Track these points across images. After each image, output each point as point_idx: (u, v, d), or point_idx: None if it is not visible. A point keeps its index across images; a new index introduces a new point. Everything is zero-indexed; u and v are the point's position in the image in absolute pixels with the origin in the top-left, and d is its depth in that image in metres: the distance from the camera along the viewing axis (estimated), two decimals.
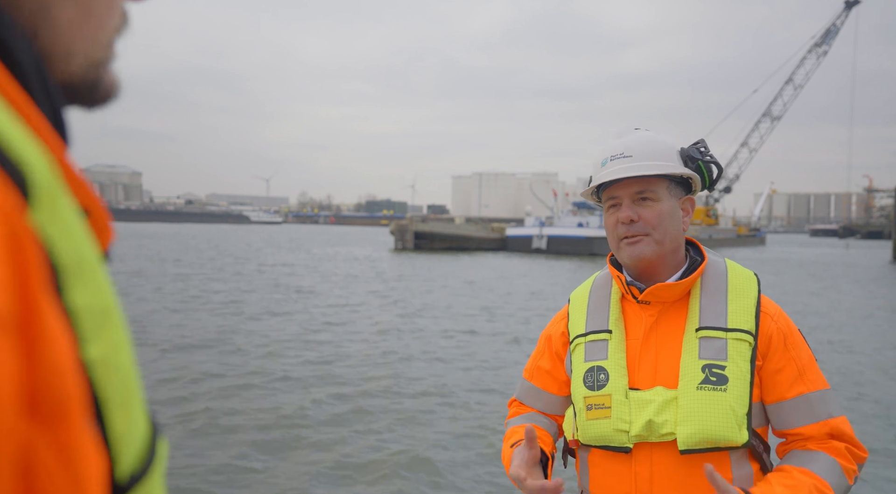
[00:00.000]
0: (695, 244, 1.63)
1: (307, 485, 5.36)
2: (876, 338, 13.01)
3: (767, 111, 72.86)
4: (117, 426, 0.39)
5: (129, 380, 0.41)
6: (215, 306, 15.30)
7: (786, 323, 1.50)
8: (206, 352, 10.13)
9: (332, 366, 9.46)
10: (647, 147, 1.53)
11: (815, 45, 71.22)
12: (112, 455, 0.39)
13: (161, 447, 0.45)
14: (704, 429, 1.39)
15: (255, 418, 6.97)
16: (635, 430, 1.45)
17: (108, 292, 0.40)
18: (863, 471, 1.49)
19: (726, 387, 1.41)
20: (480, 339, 11.99)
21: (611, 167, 1.54)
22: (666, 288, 1.50)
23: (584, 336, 1.60)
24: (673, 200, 1.53)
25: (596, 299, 1.64)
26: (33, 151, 0.35)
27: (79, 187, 0.40)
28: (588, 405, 1.52)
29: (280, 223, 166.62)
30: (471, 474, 5.66)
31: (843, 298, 20.53)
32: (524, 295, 18.99)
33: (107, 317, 0.39)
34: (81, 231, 0.38)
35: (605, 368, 1.53)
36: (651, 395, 1.46)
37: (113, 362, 0.39)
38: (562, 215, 49.87)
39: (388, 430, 6.71)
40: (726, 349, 1.44)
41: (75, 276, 0.36)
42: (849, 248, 67.17)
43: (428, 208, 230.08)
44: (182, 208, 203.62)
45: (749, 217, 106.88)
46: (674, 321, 1.51)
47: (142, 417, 0.43)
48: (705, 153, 1.57)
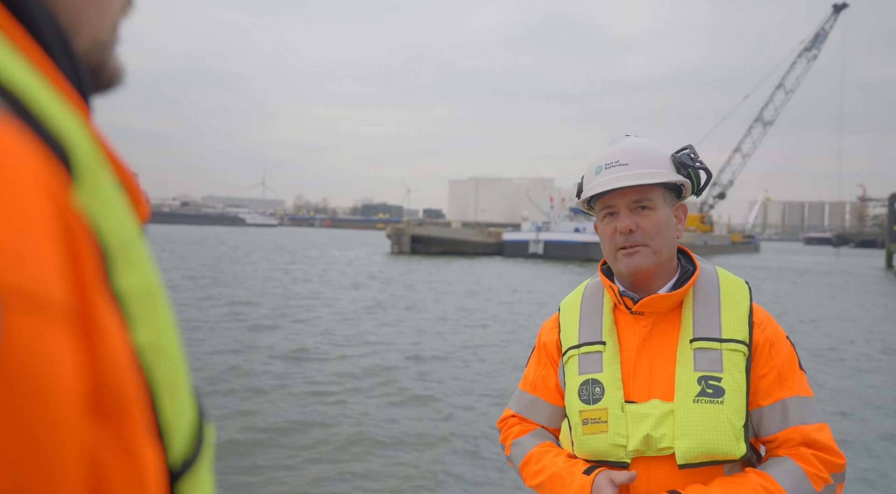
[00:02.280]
0: (685, 252, 1.62)
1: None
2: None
3: (759, 116, 73.28)
4: (168, 413, 0.38)
5: (177, 364, 0.40)
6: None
7: (773, 330, 1.49)
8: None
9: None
10: (642, 154, 1.52)
11: (805, 49, 71.64)
12: (164, 443, 0.38)
13: (209, 432, 0.44)
14: (703, 443, 1.37)
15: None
16: (633, 445, 1.43)
17: (153, 272, 0.39)
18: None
19: (723, 399, 1.39)
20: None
21: (606, 175, 1.52)
22: (660, 299, 1.49)
23: (577, 348, 1.57)
24: (668, 207, 1.53)
25: (588, 309, 1.61)
26: (73, 124, 0.34)
27: (114, 161, 0.39)
28: (584, 419, 1.49)
29: (276, 226, 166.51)
30: None
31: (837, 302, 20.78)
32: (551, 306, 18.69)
33: (153, 299, 0.38)
34: (124, 209, 0.37)
35: (601, 381, 1.50)
36: (647, 408, 1.44)
37: (161, 346, 0.38)
38: (558, 220, 50.03)
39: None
40: (721, 360, 1.42)
41: (122, 258, 0.35)
42: (839, 257, 67.50)
43: (424, 212, 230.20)
44: (177, 210, 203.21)
45: (744, 225, 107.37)
46: (667, 332, 1.50)
47: (189, 402, 0.42)
48: (695, 159, 1.56)
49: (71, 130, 0.33)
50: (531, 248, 45.91)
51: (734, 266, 42.30)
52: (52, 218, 0.29)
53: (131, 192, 0.40)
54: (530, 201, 76.62)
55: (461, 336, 12.51)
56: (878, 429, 7.34)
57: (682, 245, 1.61)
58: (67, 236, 0.30)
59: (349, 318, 14.30)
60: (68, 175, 0.32)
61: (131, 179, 0.40)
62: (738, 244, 77.39)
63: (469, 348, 11.37)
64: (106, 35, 0.45)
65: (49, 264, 0.28)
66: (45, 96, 0.32)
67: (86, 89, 0.41)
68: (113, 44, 0.46)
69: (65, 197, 0.31)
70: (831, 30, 70.99)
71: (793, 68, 71.79)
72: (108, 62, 0.46)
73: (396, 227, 48.09)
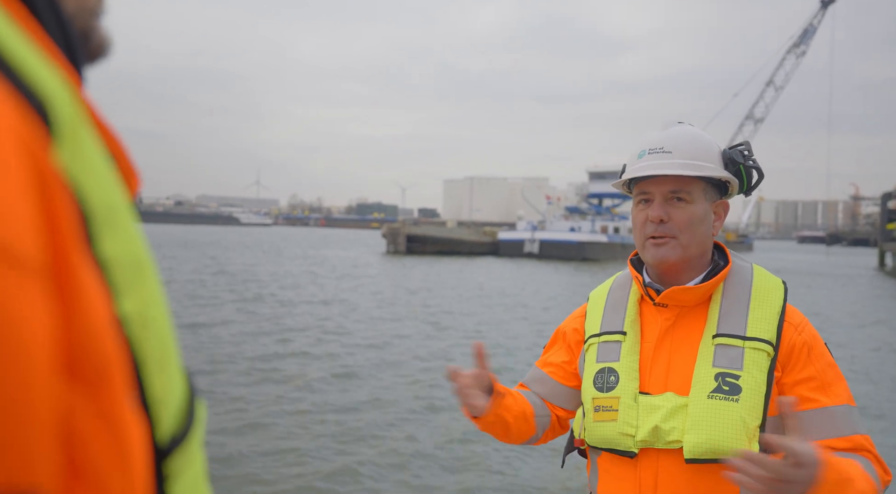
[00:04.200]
0: (721, 249, 1.57)
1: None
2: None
3: (750, 114, 72.73)
4: (156, 387, 0.37)
5: (166, 337, 0.39)
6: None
7: (811, 335, 1.43)
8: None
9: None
10: (688, 145, 1.47)
11: (794, 45, 71.07)
12: (151, 419, 0.37)
13: (199, 409, 0.44)
14: (712, 439, 1.35)
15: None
16: (641, 435, 1.42)
17: (140, 242, 0.38)
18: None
19: (738, 397, 1.36)
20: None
21: (647, 161, 1.48)
22: (684, 291, 1.46)
23: (597, 336, 1.57)
24: (707, 203, 1.48)
25: (614, 300, 1.61)
26: (55, 81, 0.32)
27: (102, 127, 0.38)
28: (596, 406, 1.50)
29: (270, 225, 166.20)
30: None
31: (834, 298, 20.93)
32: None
33: (140, 269, 0.37)
34: (110, 174, 0.36)
35: (616, 370, 1.50)
36: (660, 401, 1.43)
37: (149, 317, 0.37)
38: (554, 220, 50.21)
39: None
40: (742, 358, 1.39)
41: (106, 223, 0.34)
42: (829, 255, 67.81)
43: (419, 211, 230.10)
44: (171, 209, 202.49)
45: (738, 223, 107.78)
46: (691, 326, 1.47)
47: (179, 377, 0.41)
48: (748, 157, 1.51)
49: (52, 87, 0.32)
50: (527, 247, 46.03)
51: None
52: (27, 173, 0.28)
53: (120, 160, 0.39)
54: (525, 200, 76.77)
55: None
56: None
57: (719, 241, 1.57)
58: (45, 192, 0.29)
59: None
60: (48, 132, 0.31)
61: (121, 148, 0.39)
62: (731, 243, 77.66)
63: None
64: (93, 2, 0.44)
65: (23, 219, 0.27)
66: (24, 50, 0.31)
67: (75, 51, 0.40)
68: (99, 12, 0.45)
69: (43, 154, 0.30)
70: (819, 25, 70.84)
71: (782, 65, 71.47)
72: (94, 30, 0.45)
73: (392, 226, 48.07)
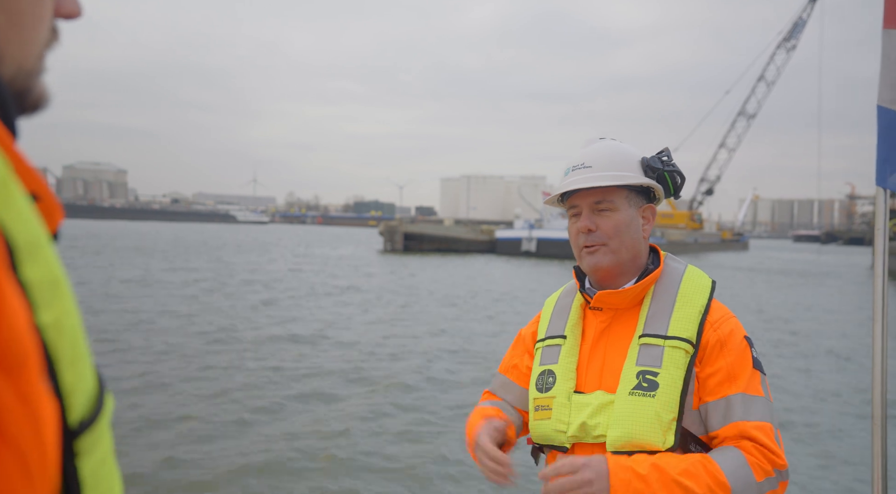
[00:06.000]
0: (657, 251, 1.67)
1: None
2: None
3: (742, 110, 72.75)
4: (68, 379, 0.46)
5: (78, 341, 0.47)
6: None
7: (727, 330, 1.51)
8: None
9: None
10: (606, 158, 1.57)
11: (784, 40, 70.83)
12: (64, 405, 0.45)
13: (108, 399, 0.52)
14: (630, 433, 1.44)
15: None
16: (572, 431, 1.52)
17: (58, 267, 0.46)
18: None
19: (655, 393, 1.44)
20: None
21: (572, 177, 1.59)
22: (612, 295, 1.56)
23: (542, 341, 1.68)
24: (632, 209, 1.57)
25: (560, 306, 1.71)
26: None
27: (27, 174, 0.46)
28: (536, 406, 1.60)
29: (267, 223, 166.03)
30: None
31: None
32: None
33: (57, 288, 0.45)
34: (32, 215, 0.44)
35: (554, 371, 1.59)
36: (590, 399, 1.52)
37: (63, 326, 0.45)
38: (551, 218, 50.28)
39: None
40: (662, 356, 1.47)
41: (29, 254, 0.43)
42: (821, 254, 67.97)
43: (416, 209, 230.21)
44: (168, 207, 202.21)
45: (733, 222, 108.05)
46: (624, 328, 1.56)
47: (89, 373, 0.49)
48: (667, 162, 1.60)
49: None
50: (524, 246, 46.36)
51: (719, 264, 42.80)
52: None
53: (45, 201, 0.48)
54: (522, 198, 76.87)
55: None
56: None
57: (654, 245, 1.67)
58: None
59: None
60: None
61: (46, 189, 0.47)
62: (727, 242, 78.02)
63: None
64: (31, 64, 0.50)
65: None
66: None
67: (9, 112, 0.47)
68: (39, 72, 0.52)
69: None
70: (808, 19, 70.60)
71: (773, 60, 71.08)
72: (33, 88, 0.52)
73: (389, 224, 48.28)
